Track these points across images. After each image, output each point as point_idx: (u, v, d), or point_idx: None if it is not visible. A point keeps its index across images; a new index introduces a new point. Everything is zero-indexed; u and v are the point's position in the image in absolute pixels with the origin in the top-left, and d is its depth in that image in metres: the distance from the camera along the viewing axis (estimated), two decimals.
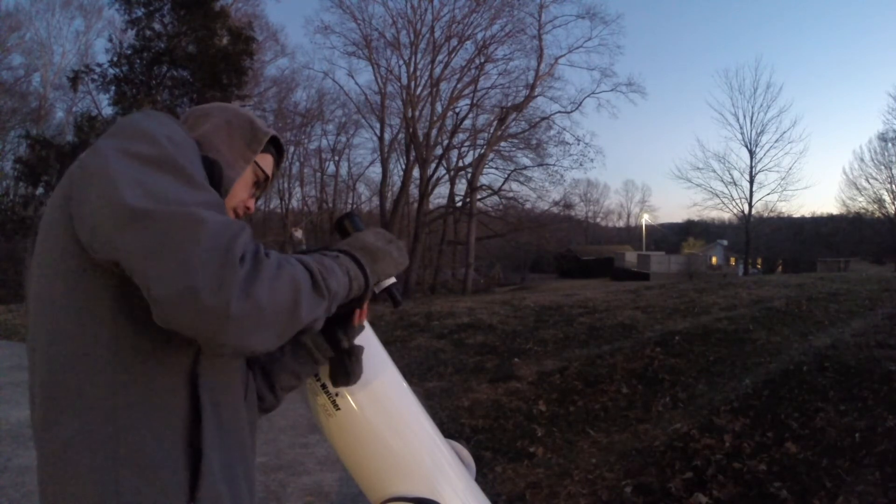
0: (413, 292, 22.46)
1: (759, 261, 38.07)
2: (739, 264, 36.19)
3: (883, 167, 30.26)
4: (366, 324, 0.96)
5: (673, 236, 54.29)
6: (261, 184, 0.98)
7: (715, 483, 2.98)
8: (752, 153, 31.29)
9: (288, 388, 0.97)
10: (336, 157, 35.04)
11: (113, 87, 15.75)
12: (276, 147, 1.01)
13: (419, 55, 25.80)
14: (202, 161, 0.74)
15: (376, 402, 0.93)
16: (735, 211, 32.95)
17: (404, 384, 0.99)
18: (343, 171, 36.55)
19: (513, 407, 4.60)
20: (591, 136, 47.79)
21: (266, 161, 0.98)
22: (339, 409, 0.91)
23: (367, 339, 0.96)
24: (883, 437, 3.21)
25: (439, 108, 26.01)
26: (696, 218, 45.25)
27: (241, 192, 0.93)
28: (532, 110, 25.87)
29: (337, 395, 0.90)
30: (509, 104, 25.34)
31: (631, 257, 39.40)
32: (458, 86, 26.06)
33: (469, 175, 25.88)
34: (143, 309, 0.61)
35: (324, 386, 0.91)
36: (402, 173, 27.08)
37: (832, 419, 3.55)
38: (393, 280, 0.93)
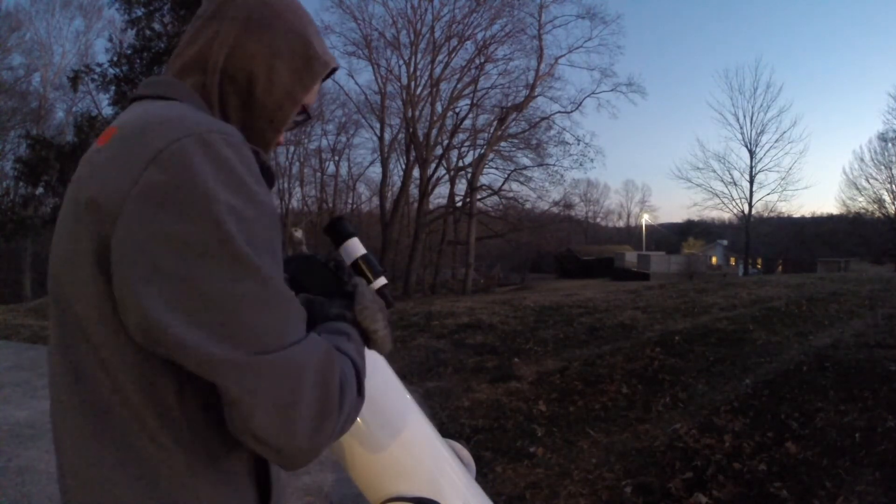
0: (413, 292, 22.46)
1: (759, 261, 38.09)
2: (739, 264, 36.21)
3: (883, 167, 30.34)
4: None
5: (673, 236, 54.27)
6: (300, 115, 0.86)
7: (715, 483, 2.98)
8: (752, 153, 31.41)
9: None
10: (336, 157, 35.07)
11: (113, 87, 15.73)
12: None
13: (419, 55, 25.84)
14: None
15: (372, 404, 0.92)
16: (735, 211, 33.08)
17: (401, 385, 0.98)
18: (343, 171, 36.59)
19: (513, 407, 4.60)
20: (591, 136, 47.53)
21: (313, 94, 0.84)
22: None
23: None
24: (883, 437, 3.21)
25: (439, 108, 26.06)
26: (696, 218, 45.43)
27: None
28: (532, 110, 25.90)
29: None
30: (509, 104, 25.36)
31: (631, 257, 39.38)
32: (458, 86, 26.10)
33: (469, 175, 25.88)
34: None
35: None
36: (402, 173, 27.12)
37: (832, 419, 3.55)
38: (384, 281, 0.93)
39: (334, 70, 0.86)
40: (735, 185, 32.21)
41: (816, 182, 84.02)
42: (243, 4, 0.75)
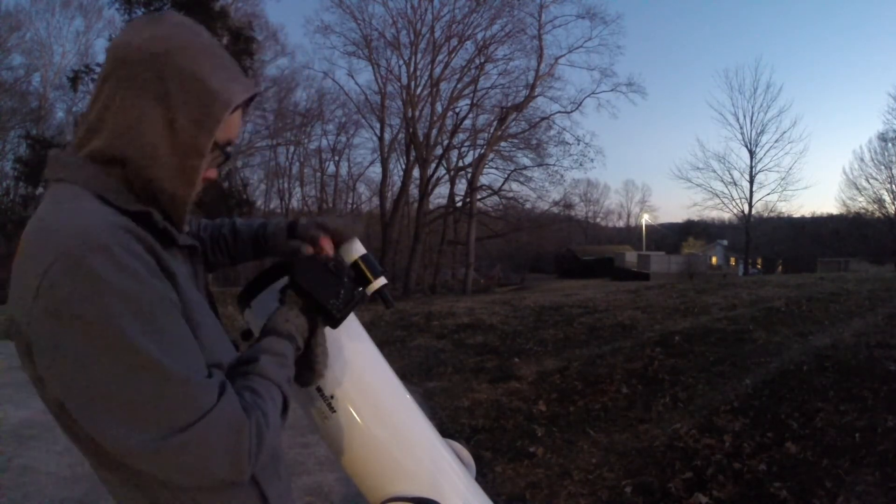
0: (413, 292, 22.45)
1: (759, 261, 38.08)
2: (739, 264, 36.21)
3: (883, 167, 30.27)
4: (360, 324, 0.97)
5: (673, 236, 54.22)
6: (221, 146, 0.80)
7: (715, 483, 2.98)
8: (752, 153, 31.34)
9: None
10: (336, 157, 35.05)
11: None
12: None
13: (419, 55, 25.85)
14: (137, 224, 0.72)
15: (372, 405, 0.92)
16: (735, 211, 33.00)
17: (400, 385, 0.98)
18: (343, 171, 36.56)
19: (513, 407, 4.60)
20: (591, 136, 47.24)
21: (228, 130, 0.79)
22: (334, 411, 0.90)
23: (362, 340, 0.96)
24: (883, 437, 3.21)
25: (439, 108, 26.07)
26: (696, 218, 45.32)
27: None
28: (532, 110, 25.91)
29: (332, 397, 0.90)
30: (509, 104, 25.36)
31: (631, 257, 39.38)
32: (458, 86, 26.11)
33: (469, 175, 25.89)
34: None
35: (319, 389, 0.90)
36: (402, 173, 27.12)
37: (832, 419, 3.55)
38: (384, 281, 0.93)
39: (251, 99, 0.82)
40: (735, 185, 32.15)
41: (816, 182, 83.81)
42: (133, 64, 0.72)
